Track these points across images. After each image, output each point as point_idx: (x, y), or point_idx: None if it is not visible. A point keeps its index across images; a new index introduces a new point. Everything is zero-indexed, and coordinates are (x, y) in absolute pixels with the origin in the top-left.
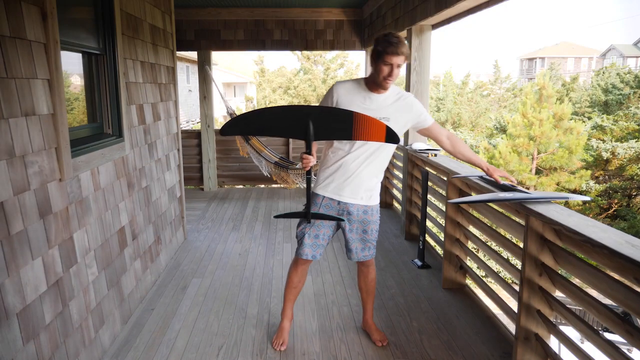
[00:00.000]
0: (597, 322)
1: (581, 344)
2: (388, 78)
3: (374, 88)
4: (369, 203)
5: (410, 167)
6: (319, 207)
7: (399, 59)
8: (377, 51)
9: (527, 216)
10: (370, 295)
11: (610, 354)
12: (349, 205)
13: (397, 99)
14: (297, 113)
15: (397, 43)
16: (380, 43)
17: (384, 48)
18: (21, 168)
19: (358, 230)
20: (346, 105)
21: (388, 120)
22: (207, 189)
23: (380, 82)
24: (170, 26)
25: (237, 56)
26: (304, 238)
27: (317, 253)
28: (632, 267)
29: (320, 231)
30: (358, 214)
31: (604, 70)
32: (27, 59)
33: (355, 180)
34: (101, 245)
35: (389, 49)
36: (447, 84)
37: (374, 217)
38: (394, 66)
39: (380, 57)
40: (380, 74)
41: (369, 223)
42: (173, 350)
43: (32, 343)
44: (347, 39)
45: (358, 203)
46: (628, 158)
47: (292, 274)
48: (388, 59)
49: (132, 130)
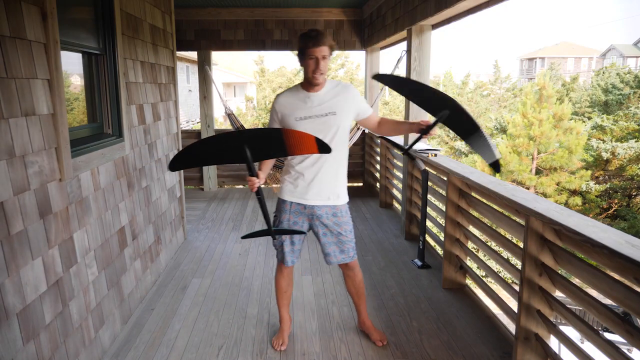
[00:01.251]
0: (597, 322)
1: (581, 344)
2: (316, 71)
3: (310, 88)
4: (336, 203)
5: (410, 167)
6: (289, 213)
7: (321, 50)
8: (300, 49)
9: (527, 216)
10: (361, 297)
11: (610, 354)
12: (316, 209)
13: (338, 92)
14: (232, 140)
15: (315, 36)
16: (300, 41)
17: (304, 44)
18: (21, 168)
19: (332, 233)
20: (290, 114)
21: (335, 114)
22: (207, 189)
23: (311, 77)
24: (170, 26)
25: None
26: (283, 247)
27: (295, 257)
28: (632, 267)
29: (295, 238)
30: (327, 217)
31: (604, 70)
32: (27, 59)
33: (316, 182)
34: (101, 245)
35: (309, 43)
36: (447, 84)
37: (345, 218)
38: (318, 59)
39: (303, 54)
40: (309, 69)
41: (341, 224)
42: (173, 350)
43: (32, 343)
44: (347, 39)
45: (325, 204)
46: (628, 158)
47: (279, 280)
48: (311, 53)
49: (132, 130)
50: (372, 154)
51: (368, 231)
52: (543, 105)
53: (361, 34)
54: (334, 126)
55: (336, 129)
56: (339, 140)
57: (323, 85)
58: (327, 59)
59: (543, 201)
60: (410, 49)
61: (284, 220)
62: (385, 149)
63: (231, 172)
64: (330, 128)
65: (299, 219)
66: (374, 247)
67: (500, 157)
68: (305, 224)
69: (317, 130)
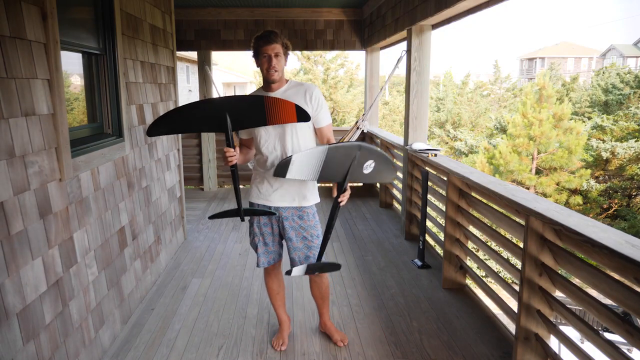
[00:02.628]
0: (597, 322)
1: (581, 344)
2: (270, 68)
3: (268, 87)
4: (302, 205)
5: (410, 167)
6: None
7: (272, 48)
8: (254, 50)
9: (527, 216)
10: (325, 300)
11: (610, 354)
12: (282, 210)
13: (296, 91)
14: (214, 106)
15: (266, 35)
16: (253, 43)
17: (256, 44)
18: (21, 168)
19: (298, 237)
20: None
21: None
22: (207, 189)
23: (266, 75)
24: (170, 26)
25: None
26: (257, 248)
27: (271, 258)
28: (632, 267)
29: (267, 239)
30: (294, 219)
31: (604, 70)
32: (27, 59)
33: (280, 183)
34: (101, 245)
35: (260, 42)
36: (447, 84)
37: (311, 222)
38: (271, 57)
39: (256, 53)
40: (263, 67)
41: (307, 228)
42: (173, 350)
43: (32, 343)
44: (347, 39)
45: (290, 206)
46: (628, 158)
47: (268, 283)
48: (263, 51)
49: (132, 130)
50: None
51: (368, 231)
52: (543, 105)
53: (361, 34)
54: (288, 125)
55: (292, 128)
56: (300, 141)
57: (282, 84)
58: (280, 56)
59: (543, 201)
60: (410, 49)
61: (254, 223)
62: (385, 148)
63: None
64: (286, 127)
65: (268, 220)
66: (374, 247)
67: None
68: (275, 226)
69: (276, 131)
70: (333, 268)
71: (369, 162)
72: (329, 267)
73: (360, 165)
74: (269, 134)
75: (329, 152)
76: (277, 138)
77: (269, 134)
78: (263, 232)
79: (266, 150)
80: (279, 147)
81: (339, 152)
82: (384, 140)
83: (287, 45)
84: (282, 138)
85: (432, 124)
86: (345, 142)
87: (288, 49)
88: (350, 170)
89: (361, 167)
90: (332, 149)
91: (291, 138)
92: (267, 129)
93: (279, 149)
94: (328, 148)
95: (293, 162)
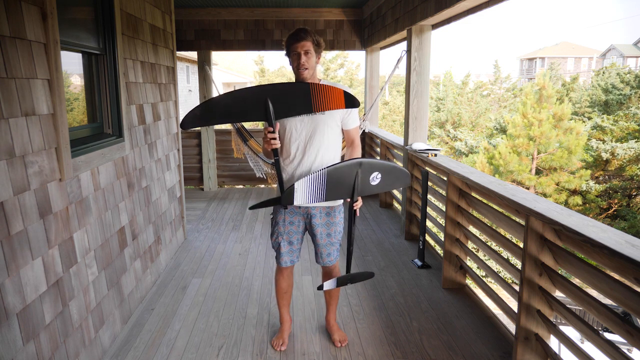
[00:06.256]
0: (597, 322)
1: (581, 344)
2: (301, 66)
3: None
4: (331, 204)
5: (410, 167)
6: (284, 213)
7: (302, 45)
8: (285, 49)
9: (527, 216)
10: (334, 298)
11: (610, 354)
12: (311, 209)
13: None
14: (256, 94)
15: (296, 33)
16: (285, 42)
17: (287, 42)
18: (21, 168)
19: (323, 234)
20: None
21: (323, 113)
22: (207, 189)
23: (296, 72)
24: (170, 26)
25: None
26: (280, 247)
27: (295, 257)
28: (632, 267)
29: (292, 237)
30: (321, 217)
31: (604, 70)
32: (27, 59)
33: None
34: (101, 245)
35: (290, 40)
36: (447, 84)
37: (337, 219)
38: (301, 54)
39: (287, 51)
40: (293, 65)
41: (332, 225)
42: (173, 350)
43: (32, 343)
44: (347, 39)
45: (320, 205)
46: (628, 158)
47: (279, 281)
48: (293, 49)
49: (132, 130)
50: (372, 153)
51: (368, 231)
52: (543, 105)
53: (361, 34)
54: (321, 123)
55: (324, 127)
56: (330, 140)
57: (311, 79)
58: (310, 54)
59: (543, 201)
60: (410, 49)
61: (280, 221)
62: (385, 148)
63: (231, 172)
64: (318, 126)
65: (294, 219)
66: (374, 247)
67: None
68: (302, 223)
69: (307, 128)
70: (365, 277)
71: (374, 175)
72: (361, 276)
73: (365, 180)
74: (303, 127)
75: (329, 174)
76: (307, 134)
77: (304, 127)
78: (289, 230)
79: (293, 146)
80: (303, 143)
81: (339, 172)
82: (384, 140)
83: (319, 43)
84: (312, 135)
85: (432, 124)
86: (344, 162)
87: (320, 47)
88: (357, 187)
89: (368, 181)
90: (331, 170)
91: (321, 136)
92: (303, 122)
93: (301, 146)
94: (327, 171)
95: (297, 190)
